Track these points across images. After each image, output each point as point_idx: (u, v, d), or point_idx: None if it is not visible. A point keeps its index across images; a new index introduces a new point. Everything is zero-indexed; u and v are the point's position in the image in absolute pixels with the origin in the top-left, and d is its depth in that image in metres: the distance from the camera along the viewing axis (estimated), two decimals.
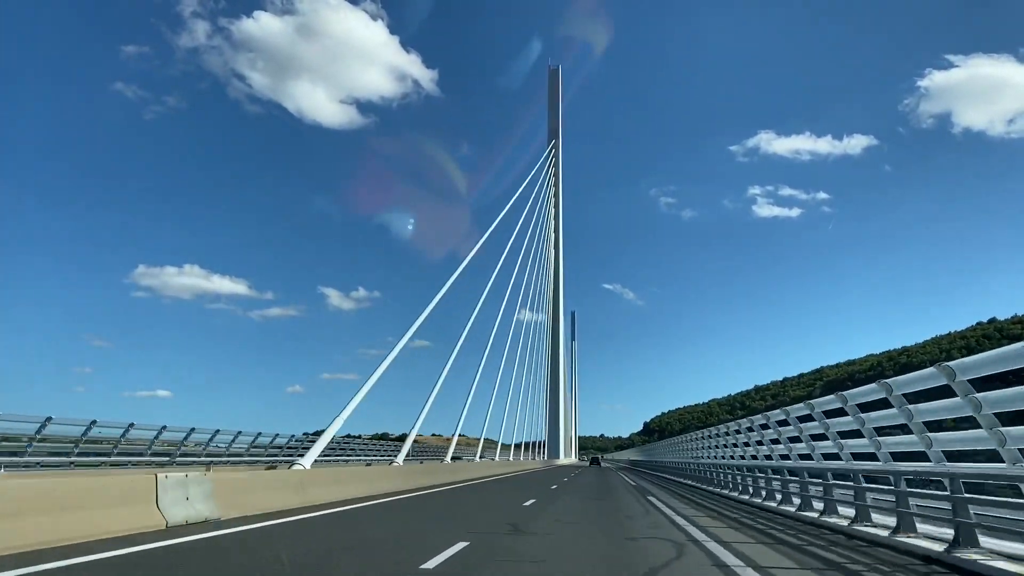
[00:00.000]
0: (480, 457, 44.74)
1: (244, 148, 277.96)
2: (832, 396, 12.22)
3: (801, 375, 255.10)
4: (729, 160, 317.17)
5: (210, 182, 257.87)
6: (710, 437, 26.66)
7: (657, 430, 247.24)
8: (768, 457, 18.13)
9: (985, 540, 7.71)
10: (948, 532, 8.30)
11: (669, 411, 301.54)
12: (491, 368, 44.77)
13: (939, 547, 8.01)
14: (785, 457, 16.69)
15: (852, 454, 12.74)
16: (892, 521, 9.63)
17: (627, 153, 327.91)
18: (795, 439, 15.53)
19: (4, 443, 22.41)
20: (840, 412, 12.00)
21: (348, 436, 46.57)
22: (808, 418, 13.86)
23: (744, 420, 20.39)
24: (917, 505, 9.31)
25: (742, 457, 21.67)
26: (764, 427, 17.98)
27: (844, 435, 12.71)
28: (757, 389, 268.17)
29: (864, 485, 10.73)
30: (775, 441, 17.39)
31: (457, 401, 37.88)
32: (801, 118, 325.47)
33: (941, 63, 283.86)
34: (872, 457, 11.72)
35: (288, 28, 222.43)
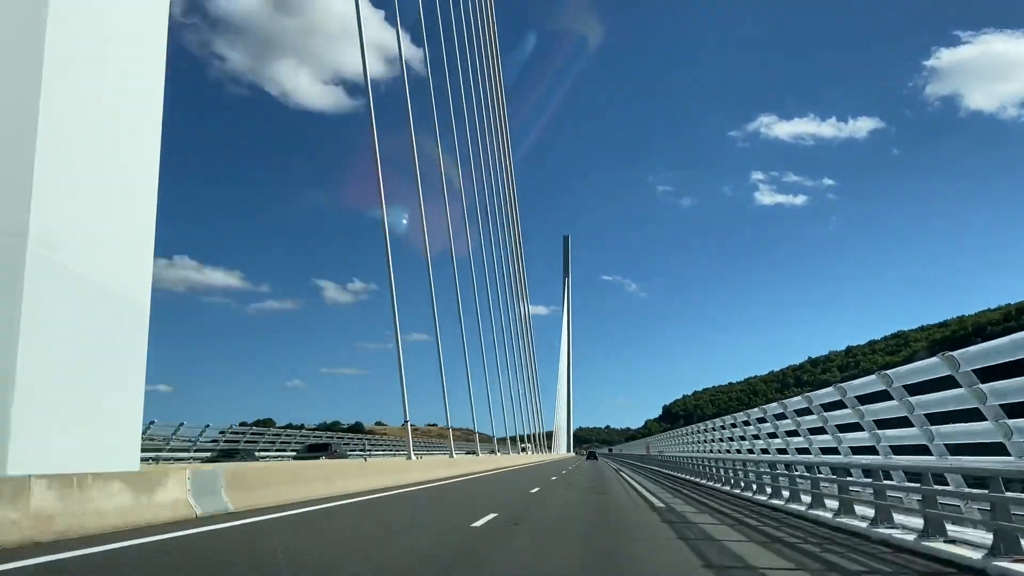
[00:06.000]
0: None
1: (228, 133, 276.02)
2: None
3: (872, 342, 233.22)
4: (729, 146, 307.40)
5: (193, 169, 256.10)
6: None
7: (682, 415, 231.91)
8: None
9: None
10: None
11: (696, 392, 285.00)
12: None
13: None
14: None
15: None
16: None
17: (621, 139, 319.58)
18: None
19: None
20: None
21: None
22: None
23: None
24: None
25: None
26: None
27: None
28: (812, 362, 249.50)
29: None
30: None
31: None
32: (803, 100, 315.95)
33: (949, 40, 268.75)
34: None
35: (265, 3, 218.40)
